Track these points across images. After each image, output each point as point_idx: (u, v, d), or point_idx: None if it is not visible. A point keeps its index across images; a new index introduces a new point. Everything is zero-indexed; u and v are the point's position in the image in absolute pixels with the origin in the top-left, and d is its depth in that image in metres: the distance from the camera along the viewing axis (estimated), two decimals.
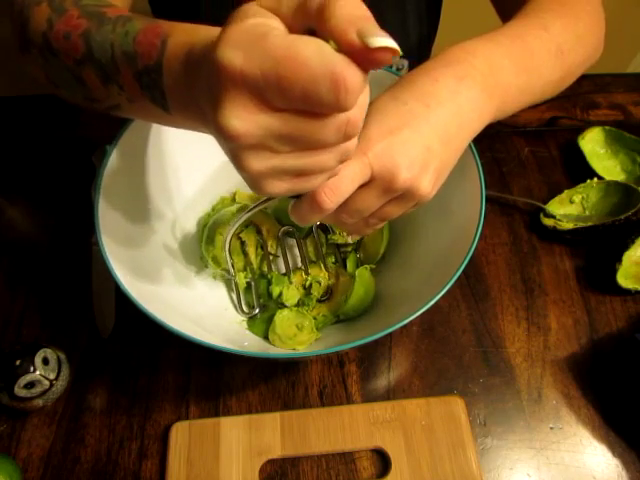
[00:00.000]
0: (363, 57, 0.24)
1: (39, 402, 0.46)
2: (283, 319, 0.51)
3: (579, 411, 0.50)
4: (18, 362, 0.46)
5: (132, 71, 0.35)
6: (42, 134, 0.66)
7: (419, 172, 0.35)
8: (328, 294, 0.53)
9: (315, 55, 0.24)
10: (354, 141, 0.29)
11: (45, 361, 0.47)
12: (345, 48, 0.24)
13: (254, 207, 0.41)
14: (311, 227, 0.56)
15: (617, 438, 0.48)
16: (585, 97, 0.71)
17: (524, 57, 0.41)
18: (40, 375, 0.46)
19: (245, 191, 0.58)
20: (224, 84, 0.25)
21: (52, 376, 0.47)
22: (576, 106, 0.70)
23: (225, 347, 0.39)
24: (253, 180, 0.29)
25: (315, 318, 0.51)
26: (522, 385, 0.51)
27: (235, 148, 0.28)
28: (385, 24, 0.26)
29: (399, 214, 0.37)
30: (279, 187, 0.30)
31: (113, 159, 0.47)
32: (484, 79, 0.38)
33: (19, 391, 0.45)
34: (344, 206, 0.34)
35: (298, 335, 0.50)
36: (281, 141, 0.27)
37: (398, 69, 0.76)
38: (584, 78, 0.73)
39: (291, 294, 0.52)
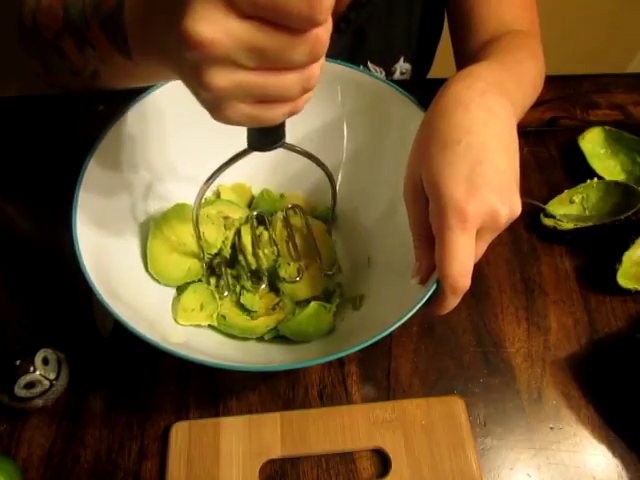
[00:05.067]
0: None
1: (39, 402, 0.46)
2: (196, 289, 0.51)
3: (579, 411, 0.50)
4: (18, 362, 0.45)
5: (99, 21, 0.36)
6: (42, 134, 0.66)
7: (510, 197, 0.37)
8: (300, 275, 0.52)
9: None
10: (318, 67, 0.29)
11: (45, 361, 0.47)
12: None
13: (228, 162, 0.40)
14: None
15: (617, 438, 0.48)
16: (585, 97, 0.71)
17: (516, 79, 0.46)
18: (40, 375, 0.46)
19: (226, 185, 0.58)
20: None
21: (52, 376, 0.47)
22: (576, 106, 0.70)
23: (224, 364, 0.41)
24: (214, 100, 0.28)
25: (263, 338, 0.51)
26: (522, 385, 0.51)
27: (199, 59, 0.27)
28: (394, 27, 0.27)
29: None
30: (240, 112, 0.29)
31: (88, 176, 0.47)
32: (499, 89, 0.41)
33: (19, 391, 0.45)
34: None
35: (196, 312, 0.50)
36: (248, 53, 0.26)
37: (402, 73, 0.76)
38: (584, 78, 0.73)
39: (291, 270, 0.53)
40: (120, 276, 0.47)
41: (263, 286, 0.52)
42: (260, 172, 0.58)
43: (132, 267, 0.51)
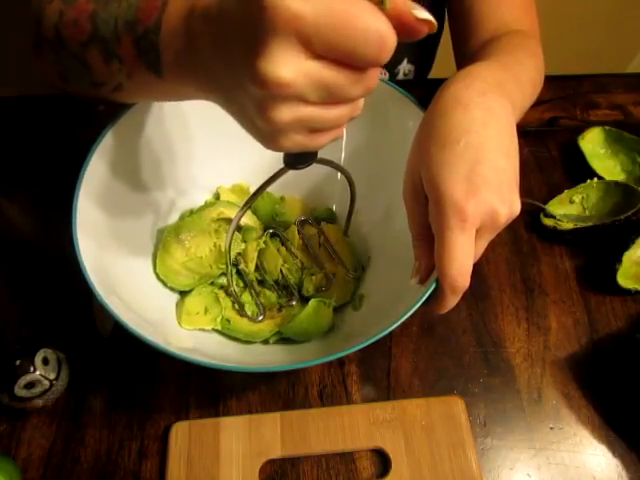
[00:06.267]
0: (405, 25, 0.27)
1: (39, 402, 0.46)
2: (200, 292, 0.51)
3: (579, 411, 0.50)
4: (18, 362, 0.45)
5: (132, 38, 0.35)
6: (42, 134, 0.66)
7: (509, 196, 0.37)
8: (328, 283, 0.53)
9: (367, 11, 0.25)
10: (362, 100, 0.31)
11: (45, 361, 0.47)
12: (395, 12, 0.26)
13: (265, 183, 0.41)
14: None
15: (617, 438, 0.48)
16: (585, 97, 0.71)
17: (516, 79, 0.46)
18: (40, 375, 0.46)
19: (226, 186, 0.58)
20: (272, 27, 0.25)
21: (52, 376, 0.47)
22: (576, 106, 0.70)
23: (224, 365, 0.40)
24: (273, 132, 0.29)
25: (267, 341, 0.51)
26: (522, 385, 0.51)
27: (268, 97, 0.27)
28: None
29: None
30: (294, 141, 0.30)
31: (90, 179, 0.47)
32: (499, 89, 0.41)
33: (19, 391, 0.45)
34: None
35: (200, 315, 0.50)
36: (317, 91, 0.27)
37: (405, 74, 0.76)
38: (584, 78, 0.73)
39: (318, 280, 0.54)
40: (122, 277, 0.47)
41: (295, 302, 0.52)
42: (259, 173, 0.58)
43: (135, 268, 0.50)
